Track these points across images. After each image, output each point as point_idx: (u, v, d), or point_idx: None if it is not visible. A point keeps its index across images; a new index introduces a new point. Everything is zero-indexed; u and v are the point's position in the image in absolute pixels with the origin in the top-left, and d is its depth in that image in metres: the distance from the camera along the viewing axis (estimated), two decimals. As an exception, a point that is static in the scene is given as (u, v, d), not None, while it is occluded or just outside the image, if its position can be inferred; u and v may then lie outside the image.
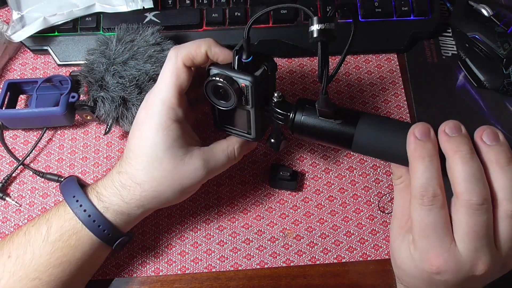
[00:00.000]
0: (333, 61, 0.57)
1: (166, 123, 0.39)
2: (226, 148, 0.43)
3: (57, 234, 0.40)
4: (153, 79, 0.47)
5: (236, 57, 0.38)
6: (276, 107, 0.40)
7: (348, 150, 0.39)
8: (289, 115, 0.40)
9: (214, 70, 0.39)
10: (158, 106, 0.40)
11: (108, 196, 0.41)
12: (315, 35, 0.32)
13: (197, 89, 0.43)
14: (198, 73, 0.43)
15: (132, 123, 0.48)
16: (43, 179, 0.51)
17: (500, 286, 0.37)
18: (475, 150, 0.34)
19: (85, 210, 0.40)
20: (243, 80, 0.38)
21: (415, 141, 0.34)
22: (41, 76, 0.55)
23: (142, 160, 0.40)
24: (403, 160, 0.36)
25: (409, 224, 0.37)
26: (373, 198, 0.51)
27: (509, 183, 0.32)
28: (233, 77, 0.39)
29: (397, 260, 0.38)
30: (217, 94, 0.40)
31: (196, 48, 0.39)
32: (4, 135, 0.52)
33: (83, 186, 0.43)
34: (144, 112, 0.41)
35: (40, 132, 0.52)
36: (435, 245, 0.33)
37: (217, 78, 0.38)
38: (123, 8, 0.54)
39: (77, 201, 0.41)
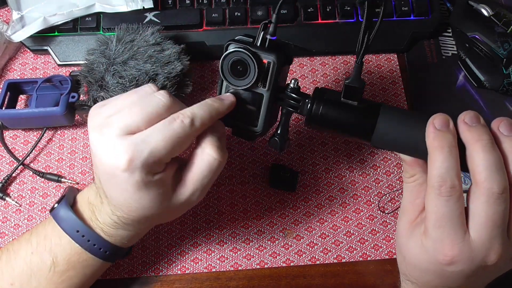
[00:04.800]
0: (334, 60, 0.57)
1: (146, 179, 0.34)
2: (200, 154, 0.37)
3: (65, 265, 0.40)
4: (153, 79, 0.47)
5: (262, 32, 0.37)
6: (292, 93, 0.39)
7: (367, 141, 0.38)
8: (307, 103, 0.38)
9: (234, 44, 0.37)
10: (143, 159, 0.34)
11: (114, 232, 0.40)
12: None
13: None
14: None
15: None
16: (43, 179, 0.51)
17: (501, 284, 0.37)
18: None
19: (94, 245, 0.39)
20: (266, 57, 0.37)
21: (435, 131, 0.34)
22: (41, 76, 0.55)
23: (129, 210, 0.37)
24: (423, 153, 0.35)
25: (420, 218, 0.37)
26: (373, 198, 0.51)
27: None
28: (256, 52, 0.37)
29: (406, 255, 0.38)
30: (234, 70, 0.38)
31: (210, 117, 0.37)
32: (4, 135, 0.52)
33: (74, 203, 0.41)
34: (128, 159, 0.33)
35: (40, 132, 0.52)
36: (450, 235, 0.33)
37: (240, 49, 0.36)
38: (123, 8, 0.54)
39: (83, 236, 0.39)
